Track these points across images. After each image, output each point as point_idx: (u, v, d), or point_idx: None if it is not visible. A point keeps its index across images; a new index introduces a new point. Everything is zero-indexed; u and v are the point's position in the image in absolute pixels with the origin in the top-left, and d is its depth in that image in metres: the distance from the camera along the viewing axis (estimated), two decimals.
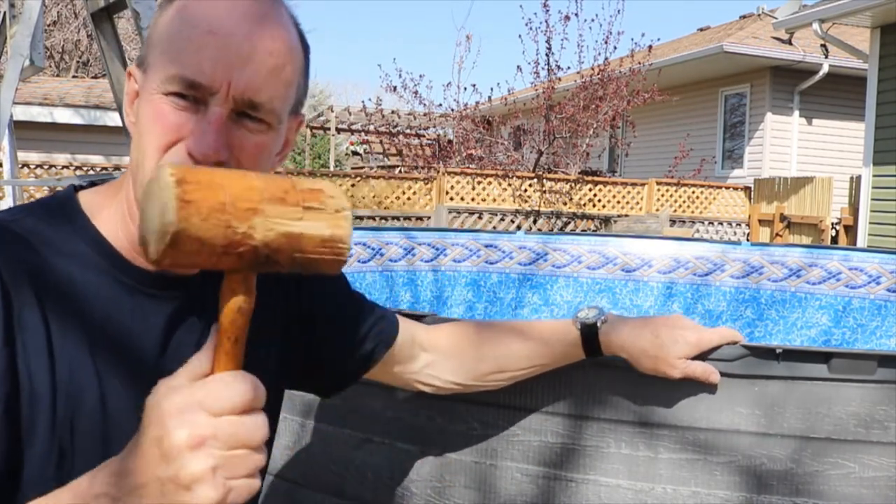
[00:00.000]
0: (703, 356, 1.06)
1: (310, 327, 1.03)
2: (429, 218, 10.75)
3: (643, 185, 11.83)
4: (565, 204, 11.38)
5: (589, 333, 1.08)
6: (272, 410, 1.01)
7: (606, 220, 11.54)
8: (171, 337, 0.86)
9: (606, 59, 12.39)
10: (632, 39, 24.63)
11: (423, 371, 1.13)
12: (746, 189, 12.10)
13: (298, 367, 1.04)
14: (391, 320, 1.11)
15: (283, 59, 0.82)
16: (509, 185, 11.15)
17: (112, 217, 0.86)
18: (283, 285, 1.00)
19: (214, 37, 0.78)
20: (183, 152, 0.79)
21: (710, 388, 1.07)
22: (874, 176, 8.49)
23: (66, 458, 0.78)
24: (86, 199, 0.87)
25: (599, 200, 11.60)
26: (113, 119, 10.98)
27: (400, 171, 13.47)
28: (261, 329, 0.97)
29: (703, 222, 11.92)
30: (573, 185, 11.45)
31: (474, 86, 20.40)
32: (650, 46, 12.29)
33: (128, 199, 0.85)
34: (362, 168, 17.99)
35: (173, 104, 0.79)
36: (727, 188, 12.16)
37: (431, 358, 1.13)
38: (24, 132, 9.37)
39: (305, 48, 0.88)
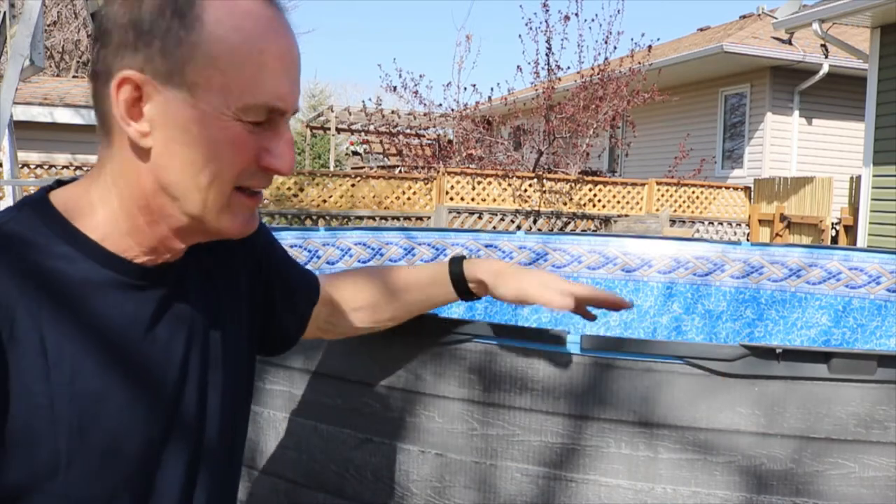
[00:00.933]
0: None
1: (265, 290, 1.06)
2: (429, 218, 10.75)
3: (643, 185, 11.83)
4: (565, 204, 11.38)
5: (455, 264, 1.18)
6: (248, 380, 1.02)
7: (606, 220, 11.53)
8: (160, 328, 0.86)
9: (606, 59, 12.38)
10: (632, 39, 24.64)
11: (328, 320, 1.17)
12: (746, 189, 12.10)
13: (258, 331, 1.07)
14: (313, 277, 1.16)
15: None
16: (509, 185, 11.15)
17: (100, 213, 0.83)
18: (247, 246, 1.01)
19: (283, 62, 0.81)
20: (256, 170, 0.83)
21: (709, 386, 1.07)
22: (874, 176, 8.49)
23: (75, 461, 0.78)
24: (58, 197, 0.85)
25: (599, 200, 11.59)
26: None
27: (400, 171, 13.46)
28: (235, 300, 0.98)
29: (703, 222, 11.92)
30: (573, 185, 11.45)
31: (474, 86, 20.47)
32: (650, 46, 12.28)
33: (148, 207, 0.83)
34: (362, 168, 18.00)
35: (249, 129, 0.81)
36: (727, 188, 12.16)
37: (339, 308, 1.17)
38: (24, 132, 9.37)
39: None
